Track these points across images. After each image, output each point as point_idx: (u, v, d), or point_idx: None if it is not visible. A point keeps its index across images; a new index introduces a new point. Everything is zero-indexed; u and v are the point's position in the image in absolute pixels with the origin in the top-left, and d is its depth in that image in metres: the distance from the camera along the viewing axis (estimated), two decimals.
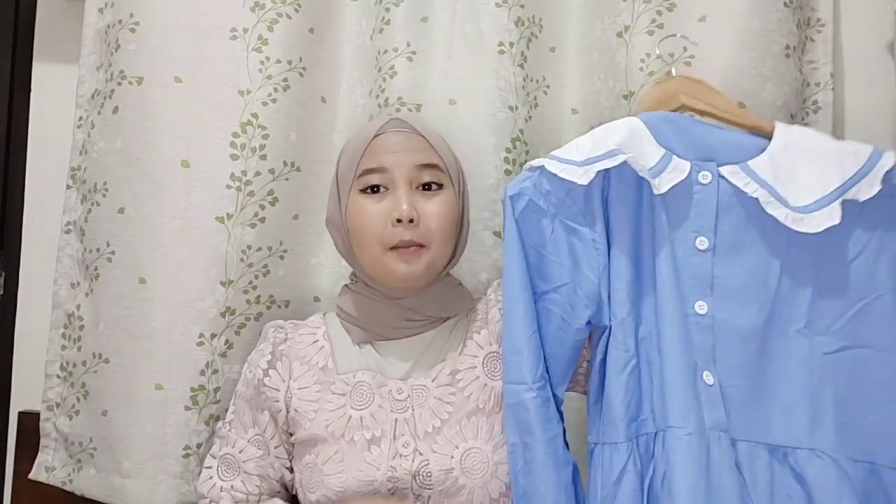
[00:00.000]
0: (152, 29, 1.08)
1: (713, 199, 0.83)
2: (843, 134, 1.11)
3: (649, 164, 0.82)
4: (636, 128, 0.84)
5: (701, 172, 0.83)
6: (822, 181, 0.80)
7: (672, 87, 0.89)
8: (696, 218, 0.83)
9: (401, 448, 0.84)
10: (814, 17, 1.09)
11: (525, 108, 1.10)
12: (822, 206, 0.78)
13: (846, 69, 1.12)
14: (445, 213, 0.88)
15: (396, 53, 1.09)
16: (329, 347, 0.92)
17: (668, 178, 0.82)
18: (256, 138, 1.07)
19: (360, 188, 0.89)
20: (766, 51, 1.01)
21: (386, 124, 0.91)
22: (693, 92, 0.89)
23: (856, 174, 0.79)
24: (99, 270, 1.08)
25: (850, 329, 0.80)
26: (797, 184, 0.80)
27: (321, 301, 1.14)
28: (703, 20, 1.03)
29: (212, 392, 1.06)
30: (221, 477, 0.91)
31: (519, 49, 1.09)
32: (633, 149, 0.82)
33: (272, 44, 1.09)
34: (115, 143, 1.07)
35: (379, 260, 0.87)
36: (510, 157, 1.08)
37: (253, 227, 1.07)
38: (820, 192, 0.79)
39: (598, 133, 0.85)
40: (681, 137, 0.85)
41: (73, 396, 1.10)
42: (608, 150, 0.81)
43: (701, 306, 0.82)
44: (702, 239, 0.83)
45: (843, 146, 0.82)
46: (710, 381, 0.80)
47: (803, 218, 0.78)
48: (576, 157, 0.83)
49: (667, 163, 0.83)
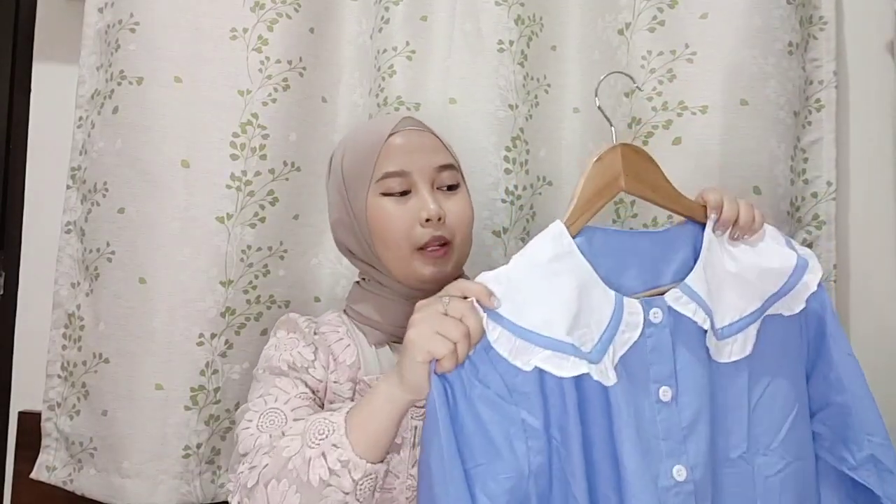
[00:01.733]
0: (152, 29, 1.07)
1: (668, 338, 0.71)
2: (846, 132, 1.11)
3: (595, 334, 0.68)
4: (583, 274, 0.69)
5: (651, 310, 0.71)
6: (743, 301, 0.74)
7: (613, 166, 0.75)
8: (655, 364, 0.71)
9: None
10: (816, 14, 1.08)
11: (526, 107, 1.10)
12: (738, 330, 0.73)
13: (848, 67, 1.12)
14: (466, 211, 0.88)
15: (396, 52, 1.09)
16: (355, 347, 0.89)
17: (619, 347, 0.69)
18: (256, 138, 1.07)
19: (381, 191, 0.86)
20: (769, 48, 1.00)
21: (399, 123, 0.89)
22: (634, 169, 0.75)
23: (777, 292, 0.76)
24: (99, 270, 1.08)
25: (788, 444, 0.75)
26: (722, 302, 0.73)
27: (321, 301, 1.14)
28: (704, 17, 1.02)
29: (212, 392, 1.06)
30: (262, 429, 0.78)
31: (519, 47, 1.09)
32: (580, 320, 0.67)
33: (272, 44, 1.08)
34: (115, 143, 1.07)
35: (407, 261, 0.86)
36: (510, 156, 1.08)
37: (253, 227, 1.07)
38: (738, 314, 0.74)
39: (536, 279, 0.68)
40: (623, 264, 0.74)
41: (73, 396, 1.10)
42: (552, 339, 0.66)
43: (679, 471, 0.70)
44: (664, 389, 0.71)
45: (767, 261, 0.76)
46: None
47: (720, 346, 0.73)
48: (510, 315, 0.67)
49: (619, 315, 0.69)
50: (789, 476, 0.75)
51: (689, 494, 0.70)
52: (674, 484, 0.69)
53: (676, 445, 0.70)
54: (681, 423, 0.71)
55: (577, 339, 0.67)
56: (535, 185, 1.12)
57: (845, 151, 1.11)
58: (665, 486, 0.69)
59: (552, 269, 0.69)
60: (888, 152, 1.10)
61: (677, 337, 0.72)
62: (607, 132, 1.06)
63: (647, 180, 0.77)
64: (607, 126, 1.07)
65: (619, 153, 0.75)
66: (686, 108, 1.02)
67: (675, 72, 1.02)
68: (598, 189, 0.74)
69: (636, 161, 0.76)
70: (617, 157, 0.75)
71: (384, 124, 0.90)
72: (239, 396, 1.07)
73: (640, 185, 0.76)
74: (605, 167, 0.75)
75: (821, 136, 1.07)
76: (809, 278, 0.77)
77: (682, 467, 0.70)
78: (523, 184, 1.09)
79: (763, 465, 0.75)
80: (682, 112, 1.02)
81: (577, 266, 0.70)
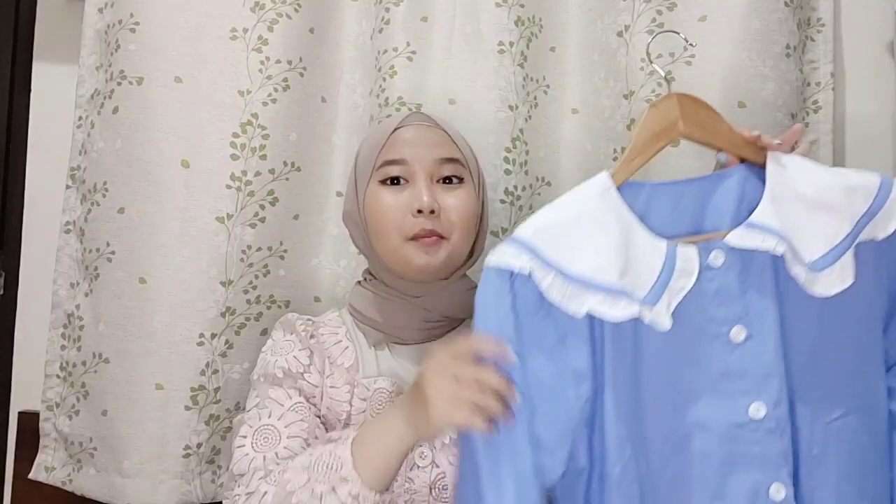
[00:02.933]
0: (152, 29, 1.07)
1: (734, 279, 0.70)
2: (844, 134, 1.11)
3: (647, 281, 0.67)
4: (623, 222, 0.69)
5: (711, 254, 0.70)
6: (830, 228, 0.69)
7: (670, 113, 0.75)
8: (721, 307, 0.70)
9: (418, 459, 0.82)
10: (814, 16, 1.09)
11: (525, 108, 1.10)
12: (833, 260, 0.67)
13: (846, 69, 1.12)
14: (466, 206, 0.87)
15: (396, 53, 1.09)
16: (353, 348, 0.89)
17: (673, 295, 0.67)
18: (256, 138, 1.07)
19: (379, 179, 0.87)
20: (767, 50, 1.01)
21: (407, 118, 0.90)
22: (693, 116, 0.75)
23: (867, 211, 0.69)
24: (99, 270, 1.08)
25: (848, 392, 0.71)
26: (806, 233, 0.69)
27: (321, 301, 1.14)
28: (703, 19, 1.02)
29: (212, 392, 1.06)
30: (256, 448, 0.79)
31: (519, 48, 1.09)
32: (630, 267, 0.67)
33: (272, 44, 1.09)
34: (115, 143, 1.07)
35: (398, 250, 0.85)
36: (510, 156, 1.08)
37: (253, 227, 1.07)
38: (829, 242, 0.68)
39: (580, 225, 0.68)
40: (676, 209, 0.73)
41: (72, 396, 1.10)
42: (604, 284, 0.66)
43: (758, 409, 0.68)
44: (737, 329, 0.69)
45: (846, 179, 0.71)
46: (779, 495, 0.68)
47: (816, 277, 0.67)
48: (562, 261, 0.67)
49: (672, 263, 0.68)
50: (849, 426, 0.71)
51: (770, 431, 0.68)
52: (749, 421, 0.68)
53: (754, 384, 0.69)
54: (758, 362, 0.69)
55: (628, 284, 0.66)
56: (535, 185, 1.12)
57: (842, 153, 1.11)
58: (739, 422, 0.68)
59: (598, 217, 0.69)
60: (888, 153, 1.11)
61: (747, 276, 0.70)
62: (606, 132, 1.08)
63: (705, 125, 0.76)
64: (605, 126, 1.09)
65: (675, 100, 0.75)
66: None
67: (674, 74, 1.03)
68: (654, 134, 0.74)
69: (693, 107, 0.76)
70: (674, 103, 0.75)
71: (394, 119, 0.91)
72: (239, 396, 1.07)
73: (698, 129, 0.75)
74: (662, 113, 0.75)
75: (818, 137, 1.07)
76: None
77: (762, 404, 0.68)
78: (522, 184, 1.10)
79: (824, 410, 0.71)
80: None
81: (622, 216, 0.70)
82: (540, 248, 0.67)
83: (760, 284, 0.70)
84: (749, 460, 0.68)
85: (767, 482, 0.68)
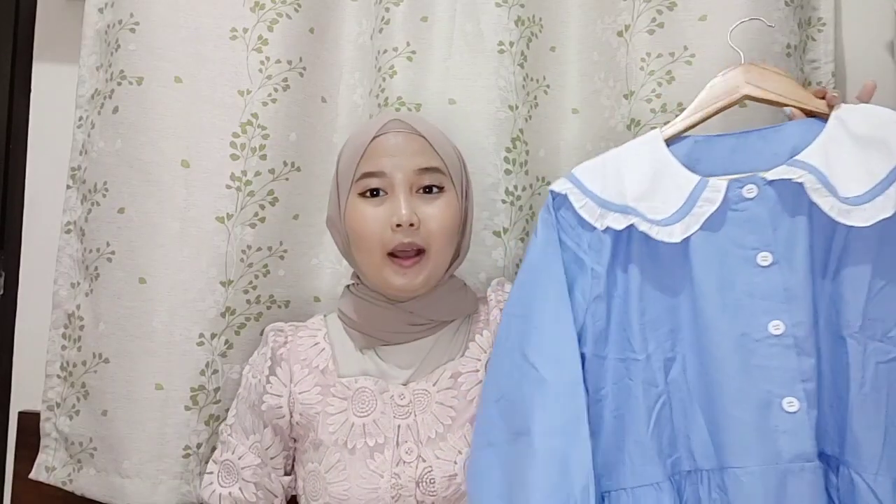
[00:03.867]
0: (152, 29, 1.07)
1: (765, 210, 0.77)
2: None
3: (672, 208, 0.78)
4: (660, 161, 0.82)
5: (745, 187, 0.78)
6: (876, 164, 0.72)
7: (733, 80, 0.84)
8: (750, 234, 0.77)
9: (404, 455, 0.83)
10: (815, 16, 1.09)
11: (525, 108, 1.10)
12: (874, 196, 0.70)
13: (847, 69, 1.12)
14: (446, 216, 0.87)
15: (396, 53, 1.09)
16: (330, 350, 0.91)
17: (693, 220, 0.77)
18: (256, 138, 1.07)
19: (358, 192, 0.88)
20: (767, 50, 1.01)
21: (386, 125, 0.89)
22: (758, 80, 0.83)
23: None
24: (99, 270, 1.08)
25: None
26: (849, 171, 0.72)
27: (321, 301, 1.14)
28: (703, 19, 1.02)
29: (212, 392, 1.06)
30: (221, 483, 0.91)
31: (519, 48, 1.09)
32: (652, 196, 0.79)
33: (272, 44, 1.08)
34: (115, 143, 1.07)
35: (378, 268, 0.86)
36: (510, 156, 1.08)
37: (253, 227, 1.07)
38: (872, 180, 0.71)
39: (620, 163, 0.83)
40: (730, 157, 0.82)
41: (73, 396, 1.10)
42: (621, 205, 0.80)
43: (776, 326, 0.75)
44: (764, 255, 0.76)
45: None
46: (792, 408, 0.73)
47: (851, 210, 0.70)
48: (596, 190, 0.82)
49: (700, 191, 0.78)
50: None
51: (787, 347, 0.74)
52: (767, 336, 0.75)
53: (776, 304, 0.75)
54: (782, 286, 0.75)
55: (643, 207, 0.79)
56: (535, 185, 1.12)
57: None
58: (758, 337, 0.75)
59: (636, 159, 0.83)
60: None
61: (781, 208, 0.76)
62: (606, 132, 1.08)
63: (769, 86, 0.83)
64: (605, 126, 1.08)
65: (739, 69, 0.85)
66: (685, 110, 1.01)
67: (674, 74, 1.03)
68: (714, 95, 0.85)
69: (757, 72, 0.84)
70: (738, 71, 0.85)
71: (372, 125, 0.91)
72: None
73: (760, 90, 0.83)
74: (726, 80, 0.85)
75: None
76: None
77: (780, 323, 0.75)
78: (523, 184, 1.10)
79: (877, 350, 0.73)
80: (680, 114, 1.02)
81: (658, 157, 0.82)
82: (581, 180, 0.84)
83: (794, 216, 0.76)
84: (764, 372, 0.74)
85: (781, 394, 0.73)
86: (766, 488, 0.72)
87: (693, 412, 0.78)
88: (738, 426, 0.74)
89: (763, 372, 0.74)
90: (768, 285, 0.76)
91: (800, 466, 0.72)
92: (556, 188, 0.85)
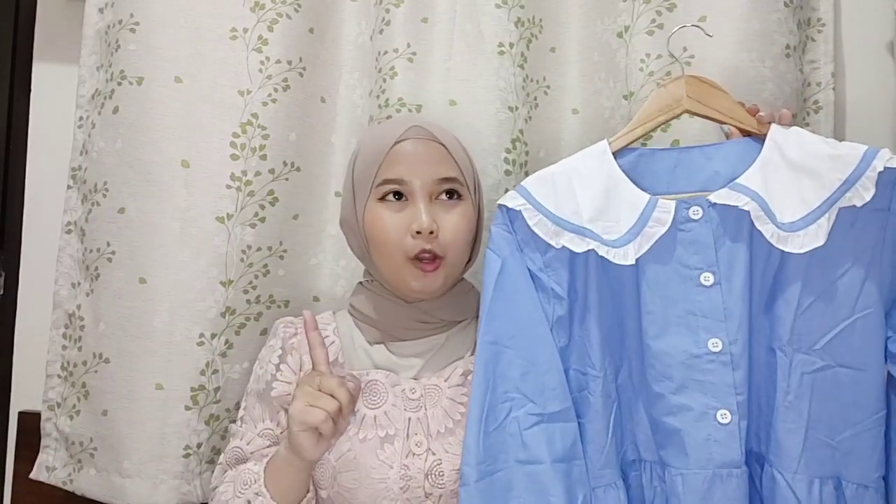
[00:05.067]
0: (152, 29, 1.07)
1: (709, 231, 0.80)
2: (844, 134, 1.11)
3: (624, 227, 0.81)
4: (611, 177, 0.83)
5: (691, 208, 0.81)
6: (810, 193, 0.76)
7: (676, 91, 0.86)
8: (694, 255, 0.81)
9: (414, 447, 0.84)
10: (814, 16, 1.09)
11: (525, 109, 1.10)
12: (809, 223, 0.75)
13: (846, 69, 1.12)
14: (463, 225, 0.88)
15: (397, 54, 1.09)
16: (339, 343, 0.92)
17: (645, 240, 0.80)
18: (256, 138, 1.07)
19: (378, 197, 0.88)
20: (767, 51, 1.01)
21: (407, 131, 0.89)
22: (698, 94, 0.85)
23: (847, 179, 0.74)
24: (99, 270, 1.08)
25: (833, 348, 0.77)
26: (785, 197, 0.77)
27: (321, 301, 1.14)
28: (703, 20, 1.02)
29: (212, 392, 1.06)
30: (229, 465, 0.91)
31: (519, 49, 1.09)
32: (605, 214, 0.81)
33: (272, 44, 1.09)
34: (115, 143, 1.07)
35: (398, 271, 0.87)
36: (510, 157, 1.08)
37: (253, 227, 1.08)
38: (807, 207, 0.76)
39: (571, 178, 0.83)
40: (672, 172, 0.85)
41: (73, 396, 1.10)
42: (577, 225, 0.81)
43: (715, 343, 0.79)
44: (706, 275, 0.80)
45: (836, 150, 0.77)
46: (725, 419, 0.79)
47: (788, 237, 0.75)
48: (549, 206, 0.83)
49: (650, 211, 0.81)
50: (829, 379, 0.78)
51: (724, 364, 0.79)
52: (707, 353, 0.80)
53: (715, 323, 0.80)
54: (721, 305, 0.80)
55: (599, 228, 0.81)
56: None
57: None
58: (698, 354, 0.80)
59: (587, 174, 0.84)
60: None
61: (724, 230, 0.80)
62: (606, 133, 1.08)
63: (709, 101, 0.85)
64: (605, 127, 1.09)
65: (682, 81, 0.86)
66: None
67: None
68: (658, 108, 0.86)
69: (698, 85, 0.86)
70: (680, 83, 0.86)
71: (393, 130, 0.90)
72: (239, 396, 1.07)
73: (700, 105, 0.85)
74: (669, 91, 0.86)
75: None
76: (878, 162, 0.74)
77: (719, 340, 0.79)
78: None
79: (803, 362, 0.78)
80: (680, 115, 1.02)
81: (609, 173, 0.83)
82: (533, 194, 0.84)
83: (735, 238, 0.80)
84: (702, 386, 0.80)
85: (716, 407, 0.79)
86: (698, 489, 0.79)
87: (637, 410, 0.84)
88: (675, 434, 0.80)
89: (701, 386, 0.79)
90: (710, 304, 0.80)
91: (728, 472, 0.79)
92: (509, 203, 0.84)
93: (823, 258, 0.77)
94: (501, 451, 0.80)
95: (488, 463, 0.80)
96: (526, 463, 0.79)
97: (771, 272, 0.80)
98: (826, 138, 0.80)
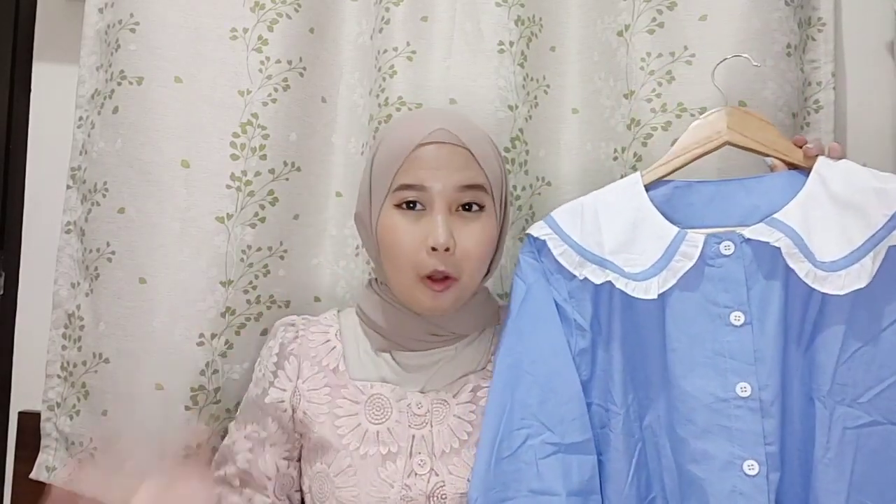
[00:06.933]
0: (152, 29, 1.07)
1: (740, 268, 0.76)
2: (844, 134, 1.11)
3: (648, 260, 0.78)
4: (639, 210, 0.81)
5: (723, 244, 0.77)
6: (853, 230, 0.71)
7: (717, 124, 0.83)
8: (724, 293, 0.76)
9: (416, 466, 0.82)
10: (815, 16, 1.09)
11: (525, 108, 1.10)
12: (851, 263, 0.69)
13: (847, 68, 1.12)
14: (482, 240, 0.83)
15: (396, 53, 1.09)
16: (341, 348, 0.89)
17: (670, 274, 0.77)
18: (256, 138, 1.07)
19: (394, 202, 0.83)
20: (767, 50, 1.01)
21: (431, 134, 0.83)
22: (740, 126, 0.81)
23: (894, 215, 0.69)
24: (99, 270, 1.08)
25: (882, 402, 0.71)
26: (827, 233, 0.72)
27: (321, 301, 1.14)
28: (703, 19, 1.02)
29: (212, 392, 1.06)
30: (216, 468, 0.92)
31: (519, 48, 1.09)
32: (630, 247, 0.79)
33: (272, 44, 1.08)
34: (115, 143, 1.07)
35: (409, 287, 0.83)
36: (510, 156, 1.08)
37: (253, 227, 1.07)
38: (850, 245, 0.70)
39: (599, 209, 0.82)
40: (708, 205, 0.82)
41: (73, 396, 1.10)
42: (598, 257, 0.80)
43: (744, 388, 0.74)
44: (737, 314, 0.76)
45: (884, 183, 0.72)
46: (752, 471, 0.73)
47: (827, 277, 0.70)
48: (574, 236, 0.82)
49: (678, 245, 0.77)
50: (875, 435, 0.71)
51: (753, 410, 0.74)
52: (734, 397, 0.74)
53: (745, 366, 0.75)
54: (752, 347, 0.75)
55: (621, 260, 0.79)
56: (535, 185, 1.12)
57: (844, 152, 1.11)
58: (724, 398, 0.75)
59: (615, 205, 0.82)
60: (889, 152, 1.11)
61: (757, 267, 0.76)
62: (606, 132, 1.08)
63: (751, 132, 0.82)
64: (605, 127, 1.09)
65: (724, 113, 0.83)
66: (685, 109, 1.02)
67: (674, 74, 1.03)
68: (696, 140, 0.83)
69: (741, 116, 0.83)
70: (721, 115, 0.83)
71: (417, 130, 0.84)
72: (239, 396, 1.06)
73: (742, 136, 0.82)
74: (708, 123, 0.84)
75: (819, 137, 1.07)
76: None
77: (748, 385, 0.74)
78: (522, 184, 1.10)
79: (845, 415, 0.72)
80: (680, 114, 1.02)
81: (638, 205, 0.81)
82: (560, 224, 0.83)
83: (770, 277, 0.75)
84: (728, 433, 0.74)
85: (743, 457, 0.73)
86: None
87: (665, 455, 0.79)
88: (698, 483, 0.75)
89: (727, 433, 0.74)
90: (739, 346, 0.75)
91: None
92: (536, 233, 0.84)
93: (870, 302, 0.71)
94: (514, 480, 0.77)
95: (498, 490, 0.77)
96: (539, 494, 0.76)
97: (812, 315, 0.74)
98: (875, 171, 0.75)
